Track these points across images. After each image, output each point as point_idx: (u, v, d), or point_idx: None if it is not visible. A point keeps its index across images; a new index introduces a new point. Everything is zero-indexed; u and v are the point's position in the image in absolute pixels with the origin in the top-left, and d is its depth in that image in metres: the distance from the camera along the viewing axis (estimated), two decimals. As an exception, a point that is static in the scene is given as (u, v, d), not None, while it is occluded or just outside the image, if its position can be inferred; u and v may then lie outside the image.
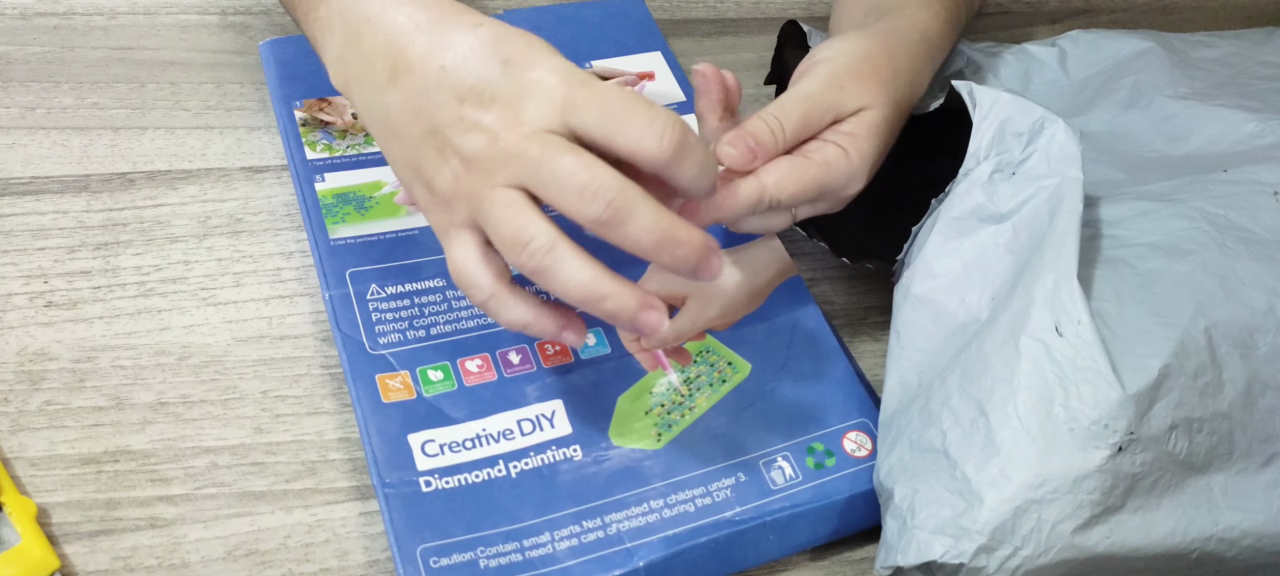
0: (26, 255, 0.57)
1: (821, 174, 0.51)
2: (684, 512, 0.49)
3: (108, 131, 0.63)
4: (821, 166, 0.51)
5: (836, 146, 0.52)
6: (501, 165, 0.44)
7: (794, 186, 0.51)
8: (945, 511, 0.45)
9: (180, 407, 0.53)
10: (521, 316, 0.46)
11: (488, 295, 0.46)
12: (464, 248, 0.46)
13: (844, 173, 0.52)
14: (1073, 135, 0.50)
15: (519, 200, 0.44)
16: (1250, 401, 0.47)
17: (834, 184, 0.52)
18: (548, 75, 0.44)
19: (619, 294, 0.44)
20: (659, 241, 0.43)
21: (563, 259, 0.43)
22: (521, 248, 0.43)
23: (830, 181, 0.52)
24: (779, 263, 0.59)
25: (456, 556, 0.46)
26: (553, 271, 0.44)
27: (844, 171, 0.52)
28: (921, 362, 0.51)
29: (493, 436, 0.51)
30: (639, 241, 0.43)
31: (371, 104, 0.48)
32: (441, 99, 0.45)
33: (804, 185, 0.51)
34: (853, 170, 0.52)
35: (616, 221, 0.43)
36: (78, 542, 0.48)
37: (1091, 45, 0.70)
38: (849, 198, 0.54)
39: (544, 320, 0.47)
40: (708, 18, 0.78)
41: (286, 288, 0.58)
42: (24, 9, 0.69)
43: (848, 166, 0.52)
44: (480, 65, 0.44)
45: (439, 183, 0.46)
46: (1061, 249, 0.47)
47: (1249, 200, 0.52)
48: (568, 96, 0.44)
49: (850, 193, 0.53)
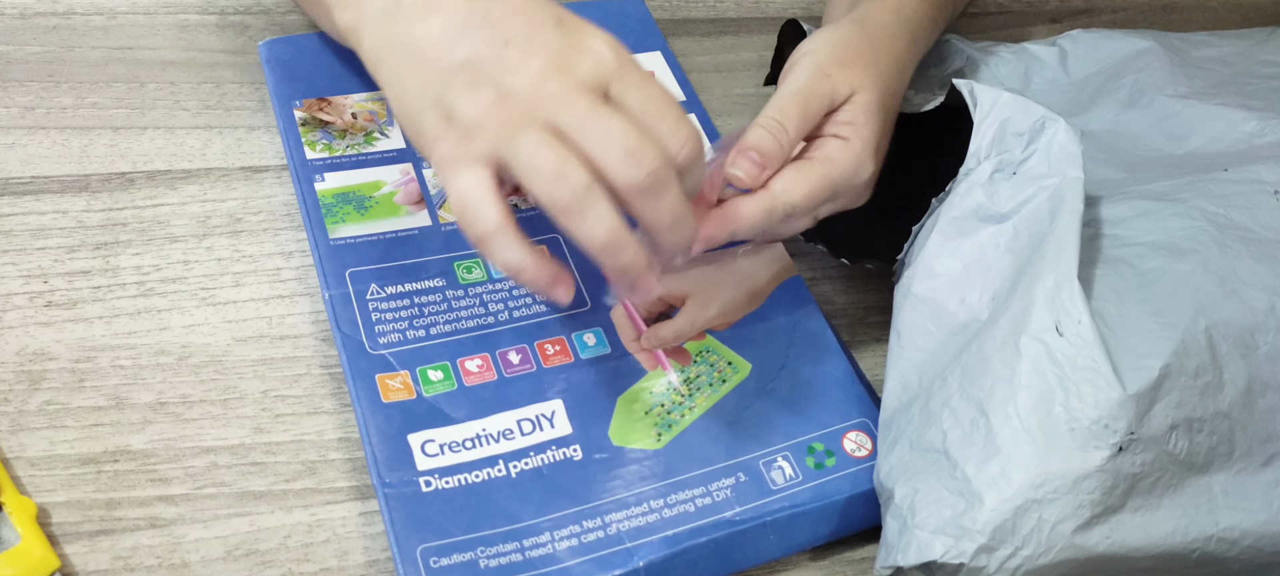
0: (26, 255, 0.57)
1: (828, 170, 0.52)
2: (684, 512, 0.49)
3: (107, 131, 0.63)
4: (825, 163, 0.52)
5: (836, 139, 0.53)
6: (545, 106, 0.44)
7: (804, 191, 0.52)
8: (945, 511, 0.45)
9: (180, 407, 0.53)
10: (518, 259, 0.46)
11: (494, 228, 0.45)
12: (474, 178, 0.45)
13: (850, 162, 0.52)
14: (1073, 135, 0.50)
15: (556, 141, 0.44)
16: (1250, 401, 0.47)
17: (843, 176, 0.52)
18: (602, 44, 0.46)
19: (637, 251, 0.45)
20: (678, 220, 0.45)
21: (598, 200, 0.44)
22: (560, 180, 0.44)
23: (839, 175, 0.52)
24: (779, 262, 0.59)
25: (456, 556, 0.46)
26: (586, 211, 0.44)
27: (850, 161, 0.52)
28: (922, 362, 0.51)
29: (493, 436, 0.51)
30: (659, 218, 0.45)
31: (393, 34, 0.48)
32: (486, 35, 0.46)
33: (813, 187, 0.52)
34: (857, 156, 0.53)
35: (653, 192, 0.44)
36: (78, 542, 0.48)
37: (1092, 44, 0.70)
38: (864, 185, 0.54)
39: (539, 268, 0.46)
40: (708, 17, 0.78)
41: (286, 287, 0.58)
42: (24, 9, 0.69)
43: (851, 154, 0.52)
44: (531, 18, 0.46)
45: (466, 111, 0.45)
46: (1062, 249, 0.47)
47: (1249, 199, 0.52)
48: (619, 69, 0.45)
49: (862, 179, 0.53)
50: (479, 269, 0.57)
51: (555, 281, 0.47)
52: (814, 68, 0.54)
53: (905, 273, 0.54)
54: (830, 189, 0.52)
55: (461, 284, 0.56)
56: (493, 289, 0.56)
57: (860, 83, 0.54)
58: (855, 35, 0.56)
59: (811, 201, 0.52)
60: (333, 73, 0.64)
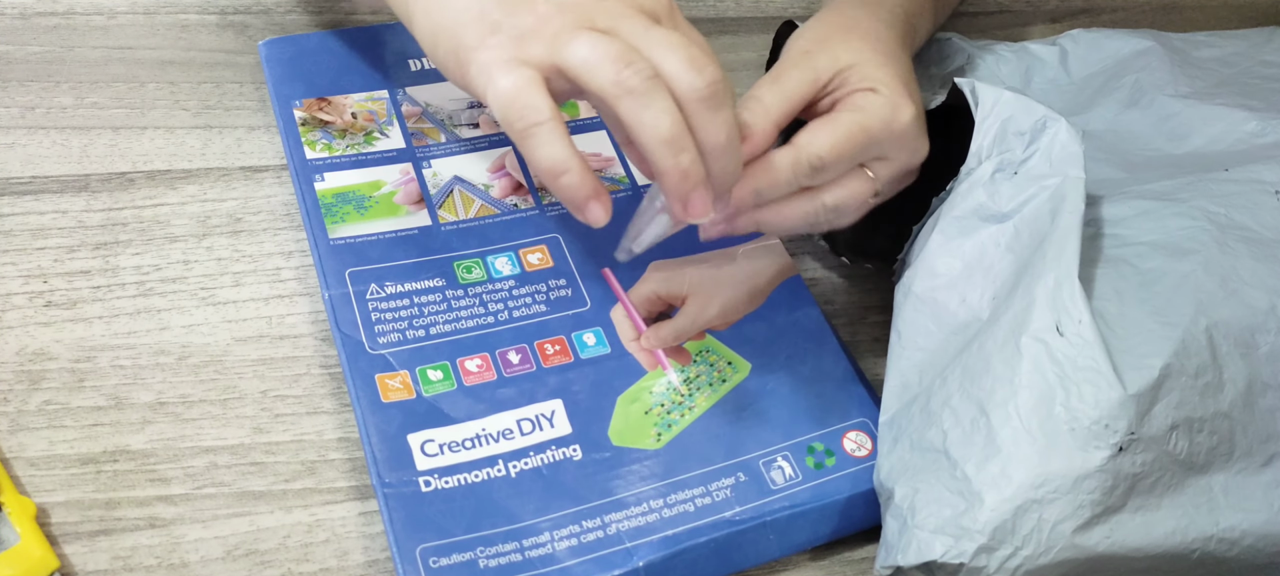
0: (26, 255, 0.57)
1: (858, 117, 0.49)
2: (684, 512, 0.49)
3: (107, 131, 0.63)
4: (855, 111, 0.50)
5: (859, 91, 0.50)
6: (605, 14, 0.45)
7: (829, 140, 0.49)
8: (946, 511, 0.45)
9: (180, 407, 0.53)
10: (567, 156, 0.45)
11: (545, 117, 0.44)
12: (522, 75, 0.45)
13: (882, 104, 0.50)
14: (1075, 134, 0.50)
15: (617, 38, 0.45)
16: (1251, 401, 0.47)
17: (877, 121, 0.50)
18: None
19: (696, 159, 0.45)
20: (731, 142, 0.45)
21: (662, 93, 0.44)
22: (628, 65, 0.44)
23: (872, 121, 0.50)
24: (779, 262, 0.59)
25: (456, 556, 0.46)
26: (652, 98, 0.44)
27: (881, 103, 0.50)
28: (922, 362, 0.51)
29: (492, 436, 0.51)
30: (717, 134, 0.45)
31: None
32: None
33: (839, 135, 0.49)
34: (887, 100, 0.50)
35: (712, 102, 0.44)
36: (77, 542, 0.48)
37: (1092, 44, 0.70)
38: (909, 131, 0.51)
39: (583, 175, 0.45)
40: (708, 17, 0.78)
41: (286, 287, 0.58)
42: (24, 9, 0.69)
43: (880, 100, 0.50)
44: None
45: (519, 21, 0.46)
46: (1063, 248, 0.47)
47: (1250, 199, 0.52)
48: (670, 9, 0.47)
49: (903, 122, 0.50)
50: (479, 269, 0.57)
51: (596, 195, 0.46)
52: (790, 51, 0.54)
53: (906, 272, 0.54)
54: (865, 135, 0.49)
55: (461, 284, 0.56)
56: (493, 289, 0.56)
57: (847, 53, 0.52)
58: (826, 19, 0.55)
59: (840, 150, 0.49)
60: (333, 73, 0.64)
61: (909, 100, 0.51)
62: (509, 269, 0.57)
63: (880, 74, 0.51)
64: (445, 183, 0.60)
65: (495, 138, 0.63)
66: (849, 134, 0.49)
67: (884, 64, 0.52)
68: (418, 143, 0.62)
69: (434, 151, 0.62)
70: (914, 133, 0.52)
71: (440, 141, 0.62)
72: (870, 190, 0.52)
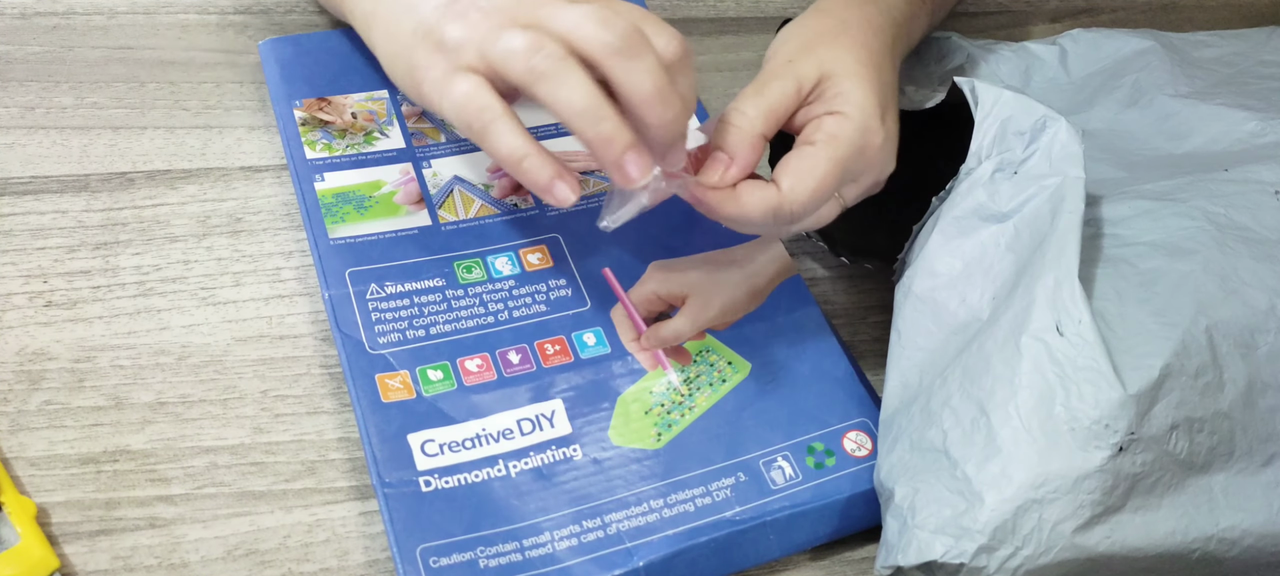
0: (26, 255, 0.57)
1: (832, 150, 0.50)
2: (684, 512, 0.49)
3: (107, 131, 0.63)
4: (830, 140, 0.50)
5: (831, 115, 0.51)
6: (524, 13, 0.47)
7: (808, 189, 0.50)
8: (946, 511, 0.45)
9: (180, 407, 0.53)
10: (520, 146, 0.47)
11: (496, 115, 0.47)
12: (469, 81, 0.48)
13: (851, 132, 0.50)
14: (1075, 134, 0.50)
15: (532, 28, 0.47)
16: (1251, 401, 0.47)
17: (850, 151, 0.50)
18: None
19: (618, 125, 0.46)
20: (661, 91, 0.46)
21: (573, 70, 0.46)
22: (537, 50, 0.46)
23: (845, 151, 0.50)
24: (779, 262, 0.59)
25: (456, 556, 0.46)
26: (561, 77, 0.46)
27: (850, 131, 0.50)
28: (922, 362, 0.51)
29: (492, 436, 0.51)
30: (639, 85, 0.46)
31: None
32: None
33: (818, 180, 0.50)
34: (857, 124, 0.50)
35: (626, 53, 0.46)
36: (77, 542, 0.48)
37: (1092, 44, 0.70)
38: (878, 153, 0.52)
39: (541, 159, 0.47)
40: (708, 17, 0.78)
41: (286, 287, 0.58)
42: (24, 9, 0.69)
43: (850, 124, 0.50)
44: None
45: (452, 33, 0.49)
46: (1063, 248, 0.47)
47: (1250, 199, 0.52)
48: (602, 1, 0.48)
49: (874, 146, 0.51)
50: (479, 269, 0.57)
51: (558, 176, 0.47)
52: (775, 56, 0.54)
53: (906, 272, 0.54)
54: (840, 167, 0.50)
55: (461, 284, 0.56)
56: (493, 289, 0.56)
57: (830, 59, 0.52)
58: (814, 21, 0.55)
59: (823, 189, 0.50)
60: (333, 73, 0.64)
61: (879, 123, 0.51)
62: (509, 269, 0.57)
63: (856, 92, 0.51)
64: (445, 183, 0.60)
65: (495, 138, 0.63)
66: (827, 175, 0.50)
67: (863, 77, 0.52)
68: (418, 143, 0.62)
69: (434, 151, 0.62)
70: (882, 155, 0.52)
71: (440, 141, 0.62)
72: (836, 210, 0.53)
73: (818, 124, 0.51)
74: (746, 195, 0.50)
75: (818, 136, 0.50)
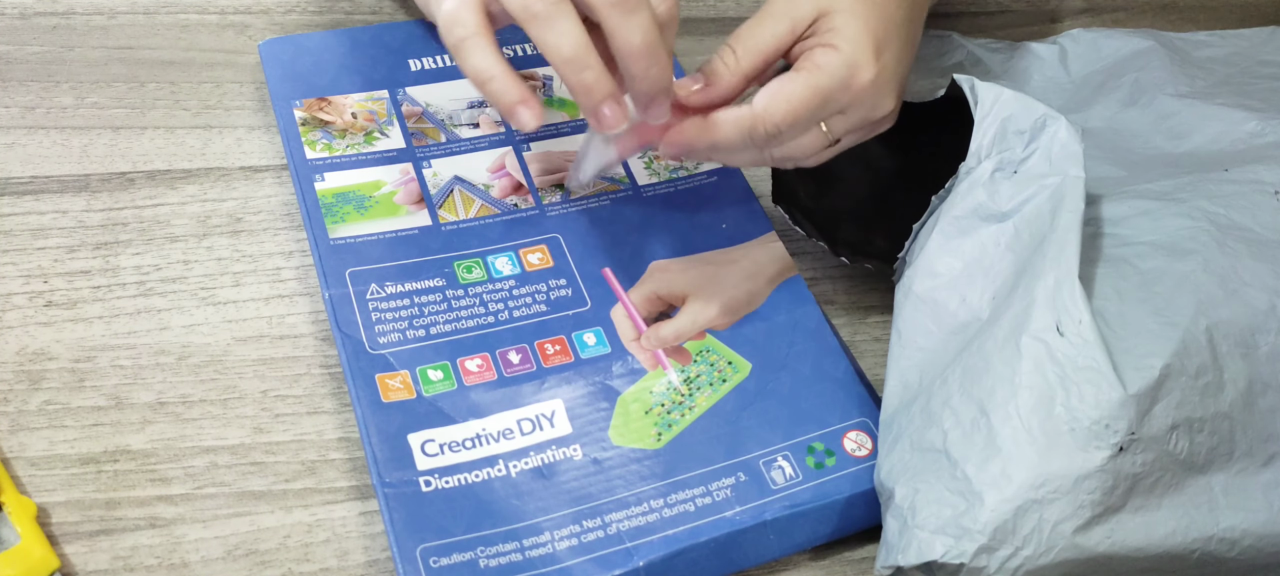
0: (26, 255, 0.57)
1: (814, 78, 0.50)
2: (684, 512, 0.49)
3: (107, 131, 0.63)
4: (813, 69, 0.50)
5: (821, 47, 0.51)
6: None
7: (783, 108, 0.50)
8: (946, 511, 0.45)
9: (180, 407, 0.53)
10: (489, 66, 0.49)
11: (470, 32, 0.49)
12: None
13: (837, 65, 0.50)
14: (1075, 133, 0.50)
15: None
16: (1251, 401, 0.47)
17: (833, 82, 0.50)
18: None
19: (601, 73, 0.48)
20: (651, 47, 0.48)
21: (566, 15, 0.48)
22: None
23: (828, 81, 0.50)
24: (779, 262, 0.59)
25: (456, 556, 0.46)
26: (554, 20, 0.47)
27: (836, 63, 0.50)
28: (922, 362, 0.51)
29: (492, 436, 0.51)
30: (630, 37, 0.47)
31: None
32: None
33: (794, 103, 0.50)
34: (845, 58, 0.50)
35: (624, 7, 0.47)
36: (78, 542, 0.48)
37: (1092, 43, 0.70)
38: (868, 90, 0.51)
39: (507, 81, 0.49)
40: (708, 17, 0.78)
41: (286, 287, 0.58)
42: (24, 9, 0.69)
43: (837, 57, 0.50)
44: None
45: None
46: (1063, 248, 0.47)
47: (1250, 199, 0.52)
48: None
49: (861, 83, 0.51)
50: (479, 269, 0.57)
51: (522, 101, 0.49)
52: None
53: (906, 272, 0.54)
54: (820, 99, 0.50)
55: (461, 284, 0.56)
56: (493, 289, 0.56)
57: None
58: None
59: (797, 112, 0.50)
60: (333, 73, 0.64)
61: (872, 58, 0.51)
62: (509, 269, 0.57)
63: (849, 27, 0.51)
64: (445, 183, 0.60)
65: (495, 137, 0.63)
66: (804, 101, 0.50)
67: (858, 12, 0.51)
68: (418, 143, 0.62)
69: (434, 151, 0.62)
70: (873, 90, 0.52)
71: (440, 141, 0.62)
72: (824, 142, 0.53)
73: (809, 55, 0.51)
74: (720, 116, 0.51)
75: (803, 64, 0.51)
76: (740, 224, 0.61)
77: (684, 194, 0.62)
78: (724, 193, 0.63)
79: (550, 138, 0.64)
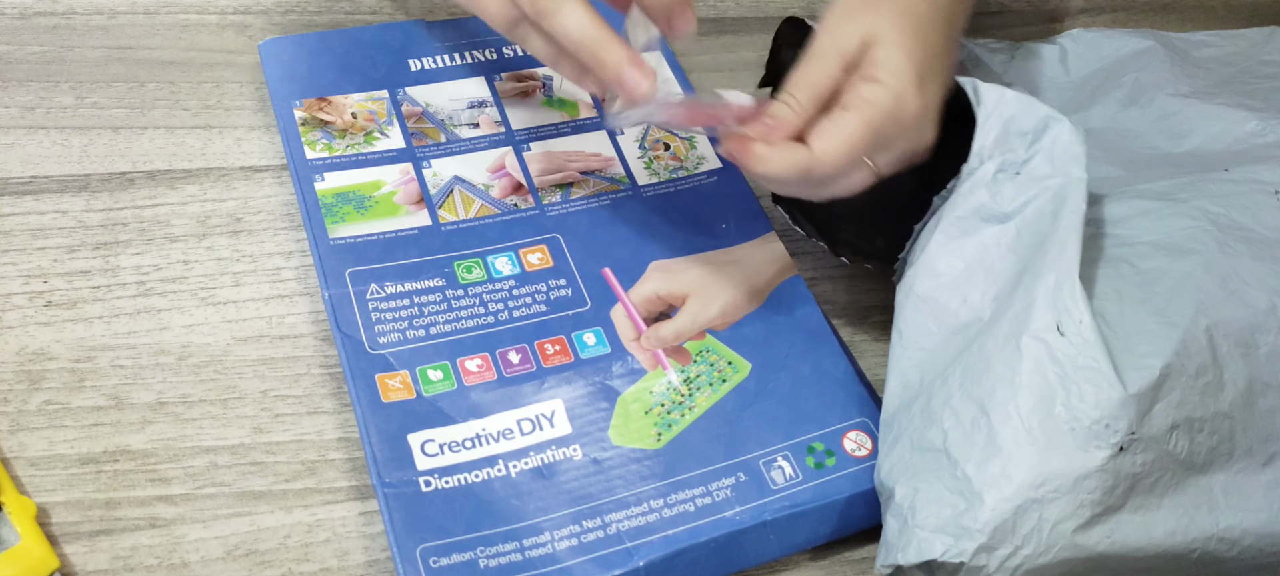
0: (26, 255, 0.57)
1: (866, 114, 0.50)
2: (684, 512, 0.49)
3: (107, 131, 0.63)
4: (863, 105, 0.50)
5: (866, 81, 0.51)
6: None
7: (838, 152, 0.50)
8: (946, 510, 0.45)
9: (180, 407, 0.53)
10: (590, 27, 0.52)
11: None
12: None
13: (886, 99, 0.50)
14: (1077, 135, 0.50)
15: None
16: (1251, 401, 0.47)
17: (882, 117, 0.50)
18: None
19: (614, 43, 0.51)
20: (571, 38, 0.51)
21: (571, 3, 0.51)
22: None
23: (878, 117, 0.50)
24: (779, 262, 0.59)
25: (456, 556, 0.46)
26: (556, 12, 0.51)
27: (885, 98, 0.50)
28: (923, 361, 0.51)
29: (492, 436, 0.51)
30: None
31: None
32: None
33: (850, 145, 0.50)
34: (892, 92, 0.50)
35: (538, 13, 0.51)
36: (78, 542, 0.48)
37: (1092, 44, 0.71)
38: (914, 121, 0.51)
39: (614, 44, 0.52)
40: (708, 17, 0.78)
41: (286, 287, 0.58)
42: (24, 9, 0.69)
43: (885, 92, 0.50)
44: None
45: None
46: (1063, 248, 0.47)
47: (1250, 200, 0.52)
48: None
49: (908, 115, 0.51)
50: (479, 269, 0.57)
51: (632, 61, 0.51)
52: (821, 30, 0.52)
53: (908, 272, 0.54)
54: (872, 132, 0.50)
55: (461, 284, 0.56)
56: (493, 289, 0.56)
57: (872, 26, 0.51)
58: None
59: (854, 152, 0.50)
60: (333, 73, 0.64)
61: (916, 91, 0.51)
62: (509, 269, 0.57)
63: (893, 59, 0.51)
64: (445, 183, 0.60)
65: (495, 138, 0.63)
66: (860, 139, 0.50)
67: (901, 44, 0.51)
68: (418, 143, 0.62)
69: (434, 151, 0.62)
70: (917, 123, 0.52)
71: (440, 141, 0.62)
72: (869, 177, 0.52)
73: (855, 90, 0.51)
74: (777, 153, 0.50)
75: (852, 101, 0.50)
76: (740, 224, 0.61)
77: (684, 194, 0.62)
78: (724, 193, 0.63)
79: (550, 138, 0.64)
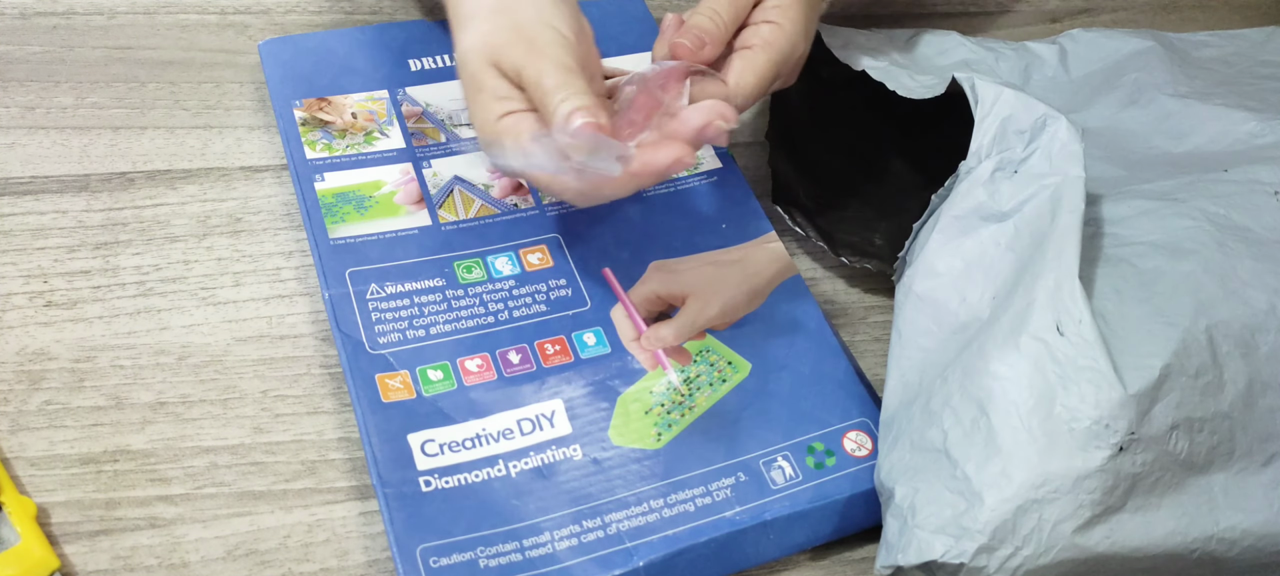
0: (26, 255, 0.57)
1: (770, 55, 0.57)
2: (684, 512, 0.49)
3: (107, 131, 0.63)
4: (766, 49, 0.57)
5: (768, 24, 0.58)
6: None
7: (753, 80, 0.57)
8: (946, 511, 0.45)
9: (180, 407, 0.53)
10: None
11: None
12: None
13: (785, 43, 0.58)
14: (1075, 133, 0.50)
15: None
16: (1251, 401, 0.47)
17: (780, 57, 0.58)
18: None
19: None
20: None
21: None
22: None
23: (778, 57, 0.57)
24: (779, 262, 0.59)
25: (456, 556, 0.46)
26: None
27: (784, 42, 0.58)
28: (923, 361, 0.51)
29: (492, 436, 0.51)
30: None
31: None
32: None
33: (761, 73, 0.57)
34: (790, 38, 0.58)
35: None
36: (78, 542, 0.48)
37: (1092, 43, 0.70)
38: (797, 63, 0.59)
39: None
40: (708, 17, 0.78)
41: (286, 287, 0.58)
42: (24, 9, 0.69)
43: (785, 37, 0.58)
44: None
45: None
46: (1063, 248, 0.47)
47: (1250, 200, 0.52)
48: None
49: (797, 57, 0.59)
50: (479, 269, 0.57)
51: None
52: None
53: (907, 271, 0.54)
54: (774, 70, 0.57)
55: (461, 284, 0.56)
56: (493, 289, 0.56)
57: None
58: None
59: (763, 85, 0.57)
60: (332, 73, 0.64)
61: (804, 40, 0.59)
62: (509, 269, 0.57)
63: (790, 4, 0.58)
64: (445, 183, 0.60)
65: (495, 138, 0.63)
66: (766, 71, 0.57)
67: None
68: (418, 143, 0.62)
69: (434, 151, 0.62)
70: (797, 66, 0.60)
71: (440, 141, 0.62)
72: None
73: (757, 30, 0.58)
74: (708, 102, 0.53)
75: (756, 41, 0.58)
76: (740, 224, 0.61)
77: (684, 194, 0.62)
78: (724, 193, 0.63)
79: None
